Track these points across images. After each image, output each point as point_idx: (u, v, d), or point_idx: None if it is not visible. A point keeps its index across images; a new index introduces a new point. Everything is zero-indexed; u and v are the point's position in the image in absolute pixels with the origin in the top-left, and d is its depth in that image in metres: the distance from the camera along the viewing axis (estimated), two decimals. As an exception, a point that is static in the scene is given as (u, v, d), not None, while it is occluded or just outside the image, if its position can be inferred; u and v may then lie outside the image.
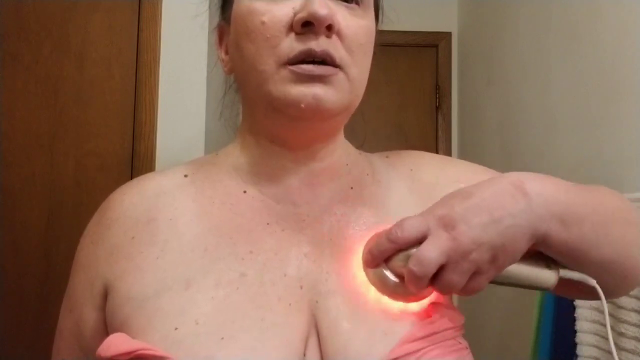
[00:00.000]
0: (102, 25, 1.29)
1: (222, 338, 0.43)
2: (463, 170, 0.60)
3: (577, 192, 0.48)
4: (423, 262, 0.41)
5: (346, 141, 0.59)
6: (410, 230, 0.43)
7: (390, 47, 2.19)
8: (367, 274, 0.47)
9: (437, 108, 2.26)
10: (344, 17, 0.48)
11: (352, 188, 0.55)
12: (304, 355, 0.45)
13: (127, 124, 1.28)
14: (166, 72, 1.29)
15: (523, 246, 0.44)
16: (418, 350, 0.44)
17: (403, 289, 0.45)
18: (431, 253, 0.42)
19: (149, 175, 0.57)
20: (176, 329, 0.44)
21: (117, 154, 1.27)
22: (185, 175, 0.55)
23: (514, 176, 0.46)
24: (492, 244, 0.42)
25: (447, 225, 0.42)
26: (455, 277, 0.42)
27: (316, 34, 0.46)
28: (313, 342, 0.46)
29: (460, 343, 0.47)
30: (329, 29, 0.46)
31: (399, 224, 0.44)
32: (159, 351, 0.42)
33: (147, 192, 0.54)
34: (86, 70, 1.27)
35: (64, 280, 0.56)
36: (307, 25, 0.46)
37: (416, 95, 2.27)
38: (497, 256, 0.43)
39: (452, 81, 2.26)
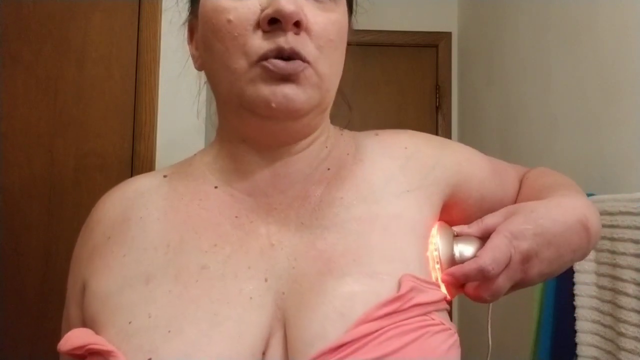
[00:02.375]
0: (102, 25, 1.29)
1: (169, 331, 0.43)
2: (460, 153, 0.61)
3: (597, 212, 0.55)
4: (498, 295, 0.47)
5: (330, 126, 0.58)
6: (502, 267, 0.47)
7: (390, 47, 2.19)
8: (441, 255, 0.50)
9: (437, 108, 2.26)
10: (312, 12, 0.47)
11: (329, 169, 0.54)
12: (264, 353, 0.43)
13: (127, 124, 1.28)
14: (166, 72, 1.29)
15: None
16: (375, 332, 0.42)
17: (457, 290, 0.50)
18: (506, 287, 0.48)
19: (133, 178, 0.58)
20: (130, 322, 0.44)
21: (117, 154, 1.27)
22: (165, 176, 0.56)
23: (580, 212, 0.52)
24: (549, 274, 0.50)
25: (524, 259, 0.48)
26: (505, 293, 0.49)
27: (284, 31, 0.45)
28: (278, 338, 0.44)
29: (433, 319, 0.44)
30: (297, 25, 0.46)
31: (494, 260, 0.46)
32: (106, 345, 0.43)
33: (127, 194, 0.55)
34: (86, 70, 1.28)
35: (64, 280, 0.57)
36: (274, 23, 0.45)
37: (416, 95, 2.27)
38: (545, 279, 0.51)
39: (452, 81, 2.26)
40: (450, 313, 0.51)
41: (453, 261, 0.49)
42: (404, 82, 2.26)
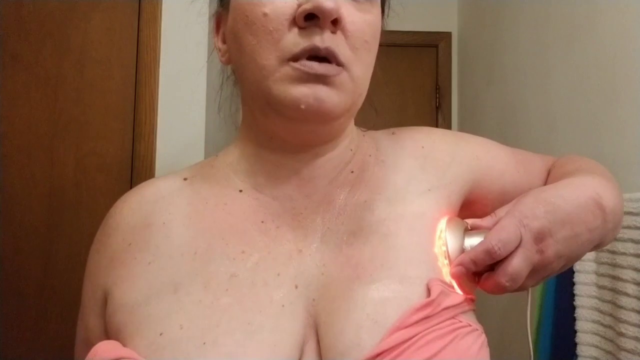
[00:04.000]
0: (102, 26, 1.29)
1: (204, 343, 0.42)
2: (477, 146, 0.59)
3: (618, 194, 0.53)
4: (516, 279, 0.44)
5: (354, 128, 0.56)
6: (510, 247, 0.45)
7: (390, 47, 2.18)
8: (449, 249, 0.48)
9: (437, 108, 2.26)
10: (349, 12, 0.46)
11: (352, 172, 0.53)
12: None
13: (127, 124, 1.28)
14: (166, 72, 1.29)
15: (585, 253, 0.50)
16: (410, 339, 0.41)
17: (472, 285, 0.48)
18: (523, 269, 0.45)
19: (150, 180, 0.56)
20: (161, 334, 0.43)
21: (117, 154, 1.27)
22: (185, 179, 0.54)
23: (591, 189, 0.49)
24: (568, 256, 0.47)
25: (537, 238, 0.45)
26: (529, 282, 0.47)
27: (321, 28, 0.44)
28: (311, 345, 0.43)
29: (460, 321, 0.44)
30: (334, 23, 0.44)
31: (500, 240, 0.44)
32: (138, 358, 0.41)
33: (146, 198, 0.53)
34: (86, 70, 1.27)
35: (64, 280, 0.56)
36: (311, 19, 0.43)
37: (416, 95, 2.27)
38: (567, 265, 0.48)
39: (452, 81, 2.26)
40: None
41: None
42: (404, 82, 2.26)
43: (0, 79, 1.24)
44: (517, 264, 0.44)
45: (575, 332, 0.98)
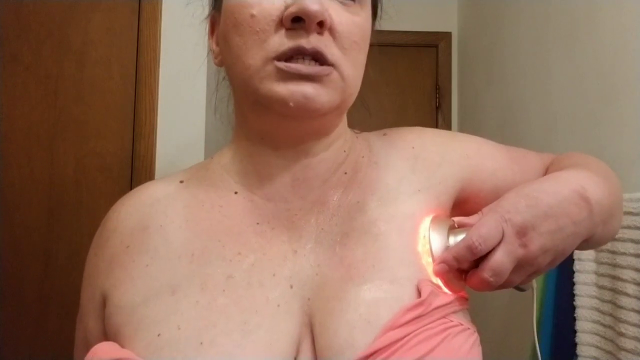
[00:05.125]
0: (102, 26, 1.29)
1: (201, 343, 0.42)
2: (467, 144, 0.59)
3: (609, 188, 0.52)
4: (500, 274, 0.45)
5: (347, 129, 0.57)
6: (491, 242, 0.45)
7: (390, 47, 2.20)
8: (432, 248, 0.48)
9: (437, 108, 2.26)
10: (337, 13, 0.46)
11: (345, 173, 0.54)
12: (295, 359, 0.43)
13: (127, 124, 1.28)
14: (166, 72, 1.29)
15: (574, 248, 0.49)
16: (402, 338, 0.42)
17: (460, 283, 0.48)
18: (506, 263, 0.45)
19: (148, 183, 0.57)
20: (159, 335, 0.43)
21: (117, 154, 1.27)
22: (181, 181, 0.55)
23: (575, 182, 0.49)
24: (555, 250, 0.46)
25: (519, 232, 0.45)
26: (516, 278, 0.46)
27: (307, 31, 0.44)
28: (307, 344, 0.44)
29: (451, 321, 0.45)
30: (321, 25, 0.45)
31: (481, 235, 0.45)
32: (136, 359, 0.42)
33: (143, 201, 0.53)
34: (86, 70, 1.27)
35: (64, 280, 0.56)
36: (297, 21, 0.44)
37: (416, 95, 2.27)
38: (555, 260, 0.47)
39: (452, 81, 2.26)
40: None
41: None
42: (404, 82, 2.26)
43: (0, 79, 1.24)
44: (499, 258, 0.45)
45: (575, 332, 0.98)
